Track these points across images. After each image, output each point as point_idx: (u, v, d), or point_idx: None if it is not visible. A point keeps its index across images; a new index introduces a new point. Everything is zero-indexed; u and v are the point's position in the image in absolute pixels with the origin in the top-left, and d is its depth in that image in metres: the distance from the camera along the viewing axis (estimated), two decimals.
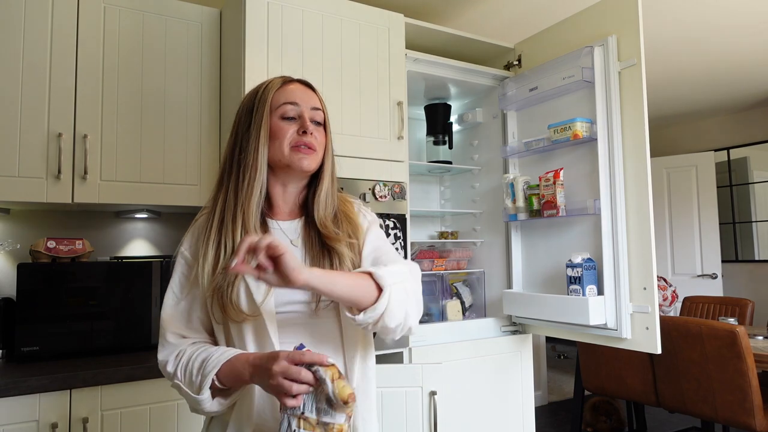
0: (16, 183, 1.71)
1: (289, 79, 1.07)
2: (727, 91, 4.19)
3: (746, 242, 4.87)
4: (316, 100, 1.06)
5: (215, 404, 0.92)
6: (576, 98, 1.99)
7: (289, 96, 1.03)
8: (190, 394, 0.92)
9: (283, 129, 1.00)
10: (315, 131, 1.03)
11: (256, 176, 0.98)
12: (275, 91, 1.03)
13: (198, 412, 0.95)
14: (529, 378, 2.27)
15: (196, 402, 0.92)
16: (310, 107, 1.03)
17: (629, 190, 1.81)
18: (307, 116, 1.02)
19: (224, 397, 0.93)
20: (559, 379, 5.23)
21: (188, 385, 0.92)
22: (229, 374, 0.90)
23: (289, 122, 1.01)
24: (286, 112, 1.01)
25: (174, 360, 0.96)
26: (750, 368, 2.30)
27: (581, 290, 1.85)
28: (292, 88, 1.04)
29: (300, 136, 1.00)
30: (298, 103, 1.02)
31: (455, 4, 2.66)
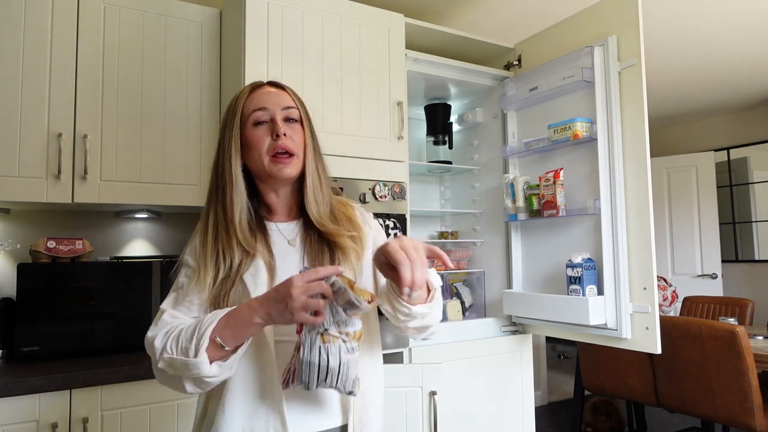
0: (16, 183, 1.71)
1: (257, 84, 1.06)
2: (727, 91, 4.19)
3: (746, 242, 4.87)
4: (287, 99, 1.03)
5: (214, 368, 0.86)
6: (576, 98, 1.99)
7: (257, 101, 1.01)
8: (184, 361, 0.85)
9: (258, 138, 1.00)
10: (290, 131, 1.01)
11: (233, 189, 0.99)
12: (245, 100, 1.02)
13: (195, 387, 0.89)
14: (529, 378, 2.27)
15: (192, 368, 0.85)
16: (281, 108, 1.01)
17: (629, 190, 1.81)
18: (279, 117, 1.00)
19: (223, 359, 0.87)
20: (559, 379, 5.23)
21: (182, 353, 0.86)
22: (230, 326, 0.86)
23: (262, 128, 1.00)
24: (257, 118, 1.00)
25: (163, 336, 0.90)
26: (750, 368, 2.30)
27: (581, 290, 1.85)
28: (260, 93, 1.03)
29: (275, 141, 0.99)
30: (267, 107, 1.01)
31: (455, 4, 2.66)
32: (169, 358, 0.87)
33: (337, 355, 0.85)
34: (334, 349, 0.85)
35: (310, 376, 0.84)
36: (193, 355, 0.85)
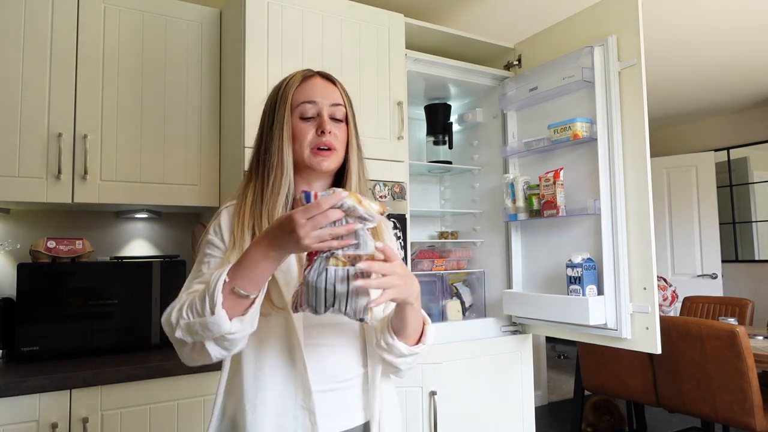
0: (16, 183, 1.71)
1: (309, 73, 1.05)
2: (727, 91, 4.19)
3: (746, 242, 4.87)
4: (337, 95, 1.04)
5: (235, 323, 0.83)
6: (576, 98, 1.99)
7: (308, 94, 1.02)
8: (202, 322, 0.83)
9: (303, 130, 1.00)
10: (335, 129, 1.02)
11: (282, 177, 0.99)
12: (295, 88, 1.02)
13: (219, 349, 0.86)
14: (529, 378, 2.27)
15: (212, 326, 0.82)
16: (329, 104, 1.02)
17: (629, 190, 1.81)
18: (326, 114, 1.01)
19: (242, 313, 0.85)
20: (559, 379, 5.23)
21: (197, 314, 0.83)
22: (243, 270, 0.83)
23: (308, 122, 1.01)
24: (304, 111, 1.01)
25: (178, 307, 0.88)
26: (750, 368, 2.30)
27: (581, 290, 1.85)
28: (311, 85, 1.03)
29: (319, 137, 1.00)
30: (317, 101, 1.01)
31: (455, 4, 2.66)
32: (185, 323, 0.85)
33: (345, 279, 0.81)
34: (342, 272, 0.81)
35: (317, 300, 0.81)
36: (209, 312, 0.82)
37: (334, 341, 1.00)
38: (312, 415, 0.93)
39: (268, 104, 1.05)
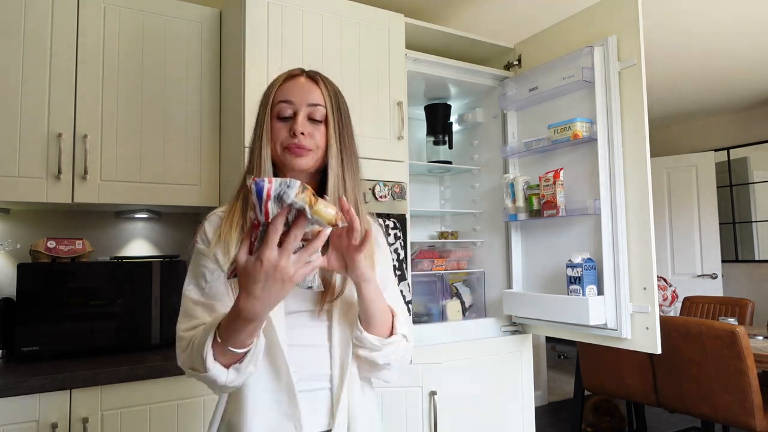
0: (16, 183, 1.71)
1: (295, 72, 1.03)
2: (727, 91, 4.19)
3: (746, 242, 4.87)
4: (317, 95, 1.00)
5: (231, 373, 0.85)
6: (576, 98, 1.99)
7: (285, 93, 1.00)
8: (201, 376, 0.85)
9: (277, 130, 0.99)
10: (310, 129, 0.98)
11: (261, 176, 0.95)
12: (277, 88, 1.01)
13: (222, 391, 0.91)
14: (529, 378, 2.27)
15: (210, 380, 0.85)
16: (306, 104, 0.99)
17: (629, 190, 1.81)
18: (303, 114, 0.98)
19: (239, 361, 0.85)
20: (559, 379, 5.23)
21: (196, 368, 0.86)
22: (233, 334, 0.81)
23: (284, 122, 0.99)
24: (281, 111, 0.99)
25: (185, 348, 0.90)
26: (750, 368, 2.30)
27: (581, 290, 1.85)
28: (291, 84, 1.01)
29: (291, 138, 0.97)
30: (293, 101, 0.98)
31: (455, 4, 2.66)
32: (191, 375, 0.88)
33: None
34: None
35: None
36: (203, 369, 0.83)
37: (312, 340, 0.99)
38: (297, 420, 0.94)
39: (258, 105, 1.05)
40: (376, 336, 0.96)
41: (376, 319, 0.96)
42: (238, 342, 0.82)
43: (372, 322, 0.95)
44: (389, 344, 0.97)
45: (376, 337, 0.96)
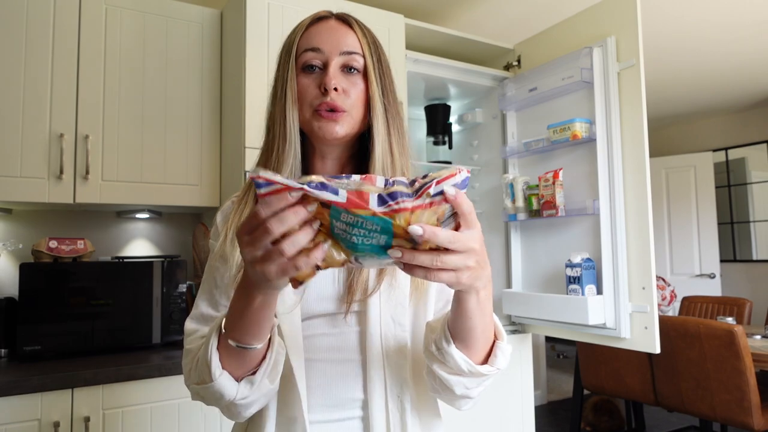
0: (18, 183, 1.72)
1: (320, 15, 0.82)
2: (726, 91, 4.20)
3: (744, 242, 4.88)
4: (352, 41, 0.79)
5: (243, 388, 0.68)
6: (575, 99, 2.00)
7: (312, 40, 0.79)
8: (207, 388, 0.68)
9: (303, 86, 0.78)
10: (346, 84, 0.78)
11: (285, 147, 0.77)
12: (301, 35, 0.80)
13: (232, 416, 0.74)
14: (528, 377, 2.28)
15: (217, 394, 0.68)
16: (339, 51, 0.78)
17: (628, 190, 1.82)
18: (335, 65, 0.77)
19: (251, 372, 0.69)
20: (559, 378, 5.24)
21: (200, 381, 0.69)
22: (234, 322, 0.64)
23: (311, 76, 0.78)
24: (307, 61, 0.78)
25: (186, 367, 0.76)
26: (748, 367, 2.31)
27: (580, 290, 1.86)
28: (318, 29, 0.80)
29: (322, 95, 0.76)
30: (322, 49, 0.78)
31: (455, 4, 2.66)
32: (194, 390, 0.72)
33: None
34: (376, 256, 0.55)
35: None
36: (209, 378, 0.67)
37: (334, 355, 0.79)
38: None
39: (277, 63, 0.83)
40: (465, 358, 0.69)
41: (473, 338, 0.69)
42: (247, 332, 0.64)
43: (468, 340, 0.69)
44: (479, 375, 0.71)
45: (465, 358, 0.69)
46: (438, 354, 0.71)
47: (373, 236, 0.50)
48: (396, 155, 0.80)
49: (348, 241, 0.51)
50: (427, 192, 0.50)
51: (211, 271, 0.83)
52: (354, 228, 0.50)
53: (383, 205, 0.49)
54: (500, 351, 0.73)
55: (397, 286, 0.79)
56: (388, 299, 0.79)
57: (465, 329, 0.68)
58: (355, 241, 0.51)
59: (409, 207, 0.49)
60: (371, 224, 0.49)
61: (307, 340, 0.79)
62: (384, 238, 0.50)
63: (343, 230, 0.50)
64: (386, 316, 0.79)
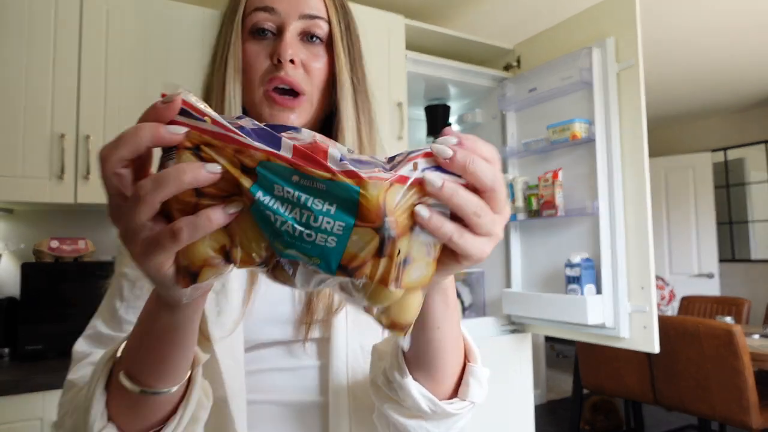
0: (19, 183, 1.72)
1: None
2: (725, 92, 4.21)
3: (742, 242, 4.90)
4: (316, 2, 0.63)
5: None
6: (575, 99, 2.01)
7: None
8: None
9: (251, 54, 0.61)
10: (305, 56, 0.61)
11: None
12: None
13: None
14: (528, 377, 2.29)
15: None
16: (299, 14, 0.61)
17: (627, 190, 1.83)
18: (292, 30, 0.60)
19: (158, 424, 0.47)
20: (558, 377, 5.25)
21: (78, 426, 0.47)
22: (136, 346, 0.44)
23: (262, 43, 0.62)
24: (257, 23, 0.61)
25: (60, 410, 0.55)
26: (746, 367, 2.32)
27: (580, 290, 1.87)
28: None
29: (274, 68, 0.60)
30: (276, 9, 0.61)
31: (455, 5, 2.67)
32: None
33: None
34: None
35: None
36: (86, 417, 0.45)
37: (280, 394, 0.62)
38: None
39: (220, 18, 0.68)
40: (428, 391, 0.50)
41: (439, 360, 0.49)
42: (149, 367, 0.43)
43: (431, 364, 0.49)
44: (447, 416, 0.51)
45: (426, 393, 0.50)
46: (388, 389, 0.51)
47: (324, 216, 0.32)
48: (364, 145, 0.65)
49: (277, 226, 0.33)
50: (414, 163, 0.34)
51: (117, 277, 0.63)
52: (293, 203, 0.32)
53: (346, 168, 0.32)
54: (473, 378, 0.53)
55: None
56: (356, 321, 0.62)
57: (429, 349, 0.48)
58: (289, 228, 0.32)
59: (386, 178, 0.33)
60: (324, 196, 0.32)
61: (252, 378, 0.59)
62: (340, 224, 0.32)
63: (272, 205, 0.32)
64: (354, 345, 0.61)
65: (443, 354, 0.49)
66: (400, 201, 0.33)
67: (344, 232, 0.33)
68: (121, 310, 0.61)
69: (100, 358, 0.48)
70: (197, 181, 0.32)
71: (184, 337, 0.43)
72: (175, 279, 0.35)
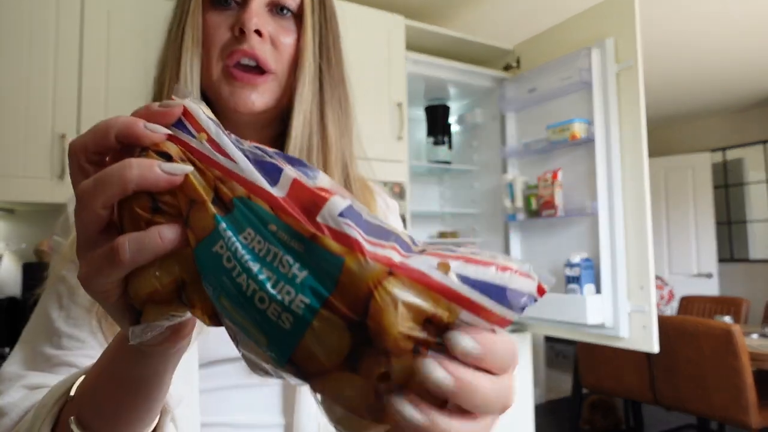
0: (20, 183, 1.73)
1: None
2: (724, 92, 4.22)
3: (741, 242, 4.90)
4: None
5: None
6: (574, 99, 2.02)
7: None
8: None
9: (211, 27, 0.54)
10: (273, 29, 0.55)
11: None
12: None
13: None
14: (528, 376, 2.30)
15: None
16: None
17: (627, 190, 1.84)
18: (259, 0, 0.54)
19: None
20: (558, 377, 5.26)
21: None
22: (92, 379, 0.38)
23: (225, 13, 0.55)
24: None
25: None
26: (745, 366, 2.32)
27: (579, 289, 1.87)
28: None
29: (237, 39, 0.53)
30: None
31: (455, 5, 2.68)
32: None
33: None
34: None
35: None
36: None
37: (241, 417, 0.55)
38: None
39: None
40: None
41: None
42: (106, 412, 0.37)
43: None
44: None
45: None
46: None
47: (286, 283, 0.25)
48: (332, 138, 0.56)
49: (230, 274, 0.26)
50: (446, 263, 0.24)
51: (54, 283, 0.53)
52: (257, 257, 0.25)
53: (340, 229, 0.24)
54: None
55: None
56: None
57: None
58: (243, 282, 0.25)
59: (396, 261, 0.24)
60: (300, 258, 0.25)
61: (208, 397, 0.53)
62: (302, 300, 0.24)
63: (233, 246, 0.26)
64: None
65: None
66: (410, 302, 0.23)
67: (304, 312, 0.24)
68: (59, 322, 0.49)
69: (46, 394, 0.40)
70: (146, 180, 0.26)
71: (150, 390, 0.35)
72: (122, 314, 0.29)
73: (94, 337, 0.50)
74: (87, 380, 0.38)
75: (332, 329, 0.24)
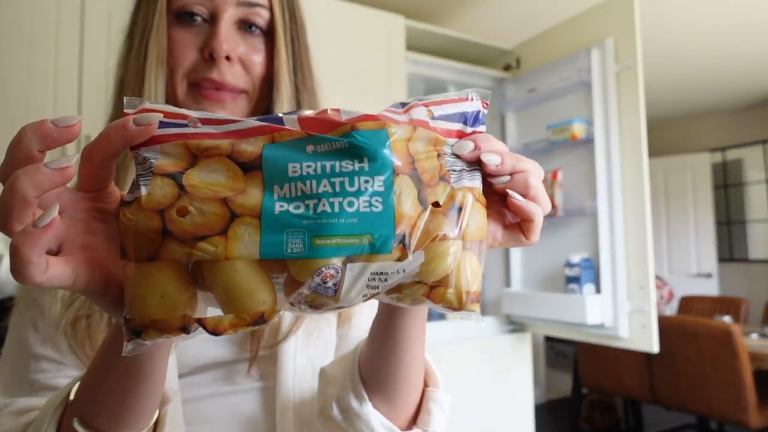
0: None
1: None
2: (723, 92, 4.22)
3: (741, 242, 4.91)
4: None
5: None
6: (574, 100, 2.02)
7: None
8: None
9: (177, 45, 0.52)
10: (244, 50, 0.54)
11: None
12: None
13: None
14: (528, 376, 2.30)
15: None
16: (236, 0, 0.53)
17: (627, 190, 1.84)
18: (228, 19, 0.52)
19: None
20: (558, 377, 5.26)
21: None
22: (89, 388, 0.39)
23: (191, 30, 0.53)
24: (184, 6, 0.52)
25: None
26: (744, 366, 2.33)
27: (579, 289, 1.87)
28: None
29: (205, 62, 0.52)
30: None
31: (455, 5, 2.68)
32: None
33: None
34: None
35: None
36: None
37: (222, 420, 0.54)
38: None
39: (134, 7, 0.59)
40: (388, 421, 0.46)
41: (403, 384, 0.45)
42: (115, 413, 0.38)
43: (394, 388, 0.45)
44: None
45: (387, 422, 0.46)
46: (344, 420, 0.45)
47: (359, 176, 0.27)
48: None
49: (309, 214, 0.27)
50: (429, 110, 0.32)
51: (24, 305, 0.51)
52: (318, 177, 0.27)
53: (361, 113, 0.29)
54: (435, 405, 0.46)
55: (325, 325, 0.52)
56: (306, 331, 0.54)
57: (396, 372, 0.43)
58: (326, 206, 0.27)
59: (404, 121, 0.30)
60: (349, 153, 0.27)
61: (188, 406, 0.52)
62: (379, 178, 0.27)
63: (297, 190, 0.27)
64: (302, 359, 0.53)
65: (410, 378, 0.44)
66: (420, 146, 0.30)
67: (386, 186, 0.27)
68: (36, 346, 0.48)
69: (46, 402, 0.40)
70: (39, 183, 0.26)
71: (147, 380, 0.36)
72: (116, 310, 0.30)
73: (74, 356, 0.49)
74: (85, 381, 0.39)
75: (405, 187, 0.28)
